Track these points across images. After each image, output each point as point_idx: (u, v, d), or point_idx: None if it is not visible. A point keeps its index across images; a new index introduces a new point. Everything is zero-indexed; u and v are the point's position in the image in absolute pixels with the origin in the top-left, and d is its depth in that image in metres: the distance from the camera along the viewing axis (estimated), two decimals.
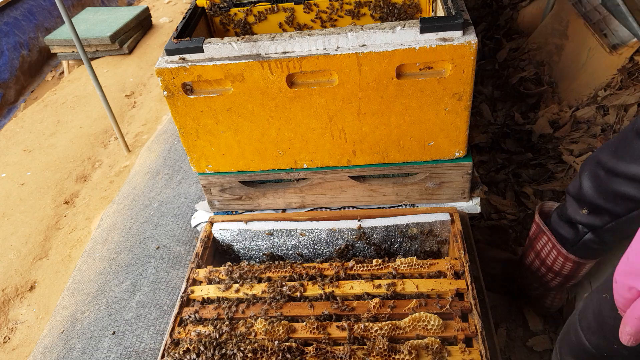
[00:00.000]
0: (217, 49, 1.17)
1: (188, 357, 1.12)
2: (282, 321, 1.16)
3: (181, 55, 1.19)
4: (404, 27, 1.12)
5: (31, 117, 3.63)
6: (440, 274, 1.25)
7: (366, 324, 1.13)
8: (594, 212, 1.20)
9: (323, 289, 1.24)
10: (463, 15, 1.12)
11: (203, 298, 1.28)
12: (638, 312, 0.62)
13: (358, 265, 1.29)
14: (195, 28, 1.38)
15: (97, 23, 4.25)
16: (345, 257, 1.46)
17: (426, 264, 1.27)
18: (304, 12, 1.53)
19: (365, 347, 1.09)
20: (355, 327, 1.12)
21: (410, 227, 1.39)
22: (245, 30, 1.57)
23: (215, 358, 1.11)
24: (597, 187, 1.15)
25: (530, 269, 1.50)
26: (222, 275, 1.33)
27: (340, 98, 1.21)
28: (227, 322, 1.19)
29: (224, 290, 1.28)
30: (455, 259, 1.28)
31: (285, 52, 1.16)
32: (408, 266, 1.27)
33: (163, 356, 1.15)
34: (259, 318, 1.18)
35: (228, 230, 1.46)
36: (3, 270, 2.35)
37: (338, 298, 1.21)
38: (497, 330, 1.55)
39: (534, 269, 1.47)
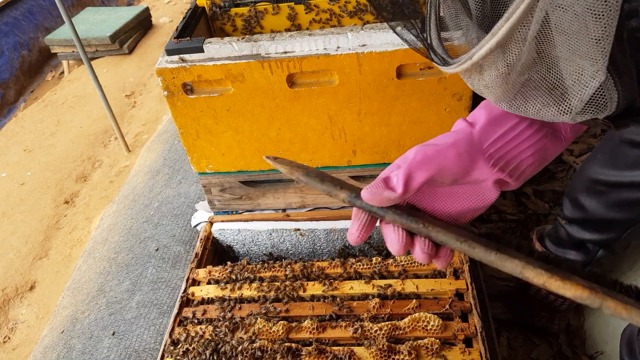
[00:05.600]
0: (217, 49, 1.17)
1: (188, 357, 1.12)
2: (282, 321, 1.16)
3: (181, 55, 1.19)
4: (404, 27, 1.12)
5: (31, 117, 3.63)
6: (439, 273, 1.25)
7: (366, 324, 1.13)
8: (605, 227, 1.18)
9: (323, 289, 1.24)
10: None
11: (203, 298, 1.28)
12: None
13: (358, 264, 1.29)
14: (195, 28, 1.38)
15: (97, 23, 4.24)
16: (345, 257, 1.46)
17: None
18: (305, 12, 1.53)
19: (365, 347, 1.09)
20: (355, 327, 1.12)
21: None
22: (246, 29, 1.57)
23: (215, 358, 1.11)
24: (605, 202, 1.12)
25: (535, 299, 1.46)
26: (222, 275, 1.33)
27: (340, 98, 1.21)
28: (226, 322, 1.18)
29: (223, 290, 1.28)
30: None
31: (285, 52, 1.16)
32: (408, 264, 1.27)
33: (163, 356, 1.15)
34: (259, 318, 1.18)
35: (228, 230, 1.46)
36: (3, 270, 2.35)
37: (338, 298, 1.21)
38: (499, 340, 1.53)
39: (540, 298, 1.43)
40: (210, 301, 1.27)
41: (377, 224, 0.62)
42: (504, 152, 0.62)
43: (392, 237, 0.60)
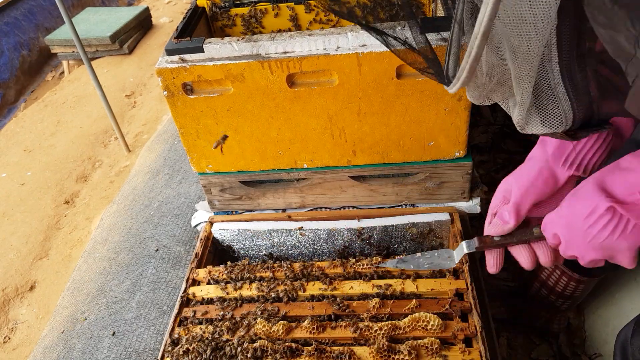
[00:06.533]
0: (218, 49, 1.17)
1: (188, 357, 1.12)
2: (282, 321, 1.16)
3: (181, 55, 1.19)
4: (404, 27, 1.12)
5: (31, 117, 3.63)
6: (439, 273, 1.25)
7: (366, 324, 1.13)
8: None
9: (323, 289, 1.24)
10: None
11: (203, 298, 1.28)
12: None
13: (358, 264, 1.29)
14: (195, 28, 1.38)
15: (97, 23, 4.24)
16: (345, 257, 1.46)
17: None
18: (305, 12, 1.53)
19: (365, 347, 1.09)
20: (355, 327, 1.12)
21: (410, 227, 1.39)
22: (246, 30, 1.57)
23: (215, 358, 1.11)
24: None
25: (536, 299, 1.45)
26: (222, 275, 1.33)
27: (340, 98, 1.21)
28: (226, 322, 1.19)
29: (223, 290, 1.28)
30: None
31: (285, 52, 1.16)
32: None
33: (163, 356, 1.15)
34: (259, 318, 1.18)
35: (228, 230, 1.46)
36: (3, 270, 2.35)
37: (338, 298, 1.21)
38: (499, 340, 1.53)
39: (541, 298, 1.42)
40: (210, 301, 1.27)
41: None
42: (579, 161, 0.80)
43: (522, 257, 0.83)
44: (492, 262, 0.86)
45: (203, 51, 1.18)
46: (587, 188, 0.70)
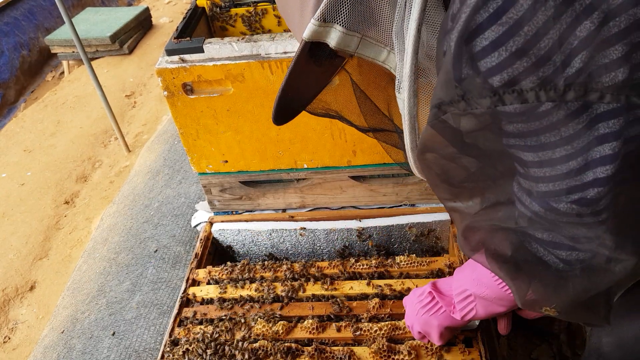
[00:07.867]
0: (218, 49, 1.17)
1: (187, 357, 1.12)
2: (282, 321, 1.16)
3: (181, 56, 1.19)
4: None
5: (31, 117, 3.63)
6: (439, 272, 1.25)
7: (366, 324, 1.13)
8: None
9: (323, 289, 1.24)
10: None
11: (203, 298, 1.28)
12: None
13: (358, 264, 1.29)
14: (195, 28, 1.38)
15: (97, 23, 4.24)
16: (345, 257, 1.46)
17: (425, 261, 1.27)
18: None
19: (365, 347, 1.09)
20: (355, 327, 1.12)
21: (410, 227, 1.39)
22: (247, 30, 1.57)
23: (215, 358, 1.11)
24: None
25: None
26: (222, 275, 1.33)
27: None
28: (226, 323, 1.19)
29: (223, 291, 1.28)
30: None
31: (285, 52, 1.16)
32: (407, 264, 1.27)
33: (162, 356, 1.15)
34: (259, 318, 1.18)
35: (228, 231, 1.46)
36: (3, 270, 2.35)
37: (338, 298, 1.21)
38: (499, 340, 1.53)
39: None
40: (210, 301, 1.27)
41: None
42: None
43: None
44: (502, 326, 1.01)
45: (203, 51, 1.18)
46: (427, 284, 0.99)
